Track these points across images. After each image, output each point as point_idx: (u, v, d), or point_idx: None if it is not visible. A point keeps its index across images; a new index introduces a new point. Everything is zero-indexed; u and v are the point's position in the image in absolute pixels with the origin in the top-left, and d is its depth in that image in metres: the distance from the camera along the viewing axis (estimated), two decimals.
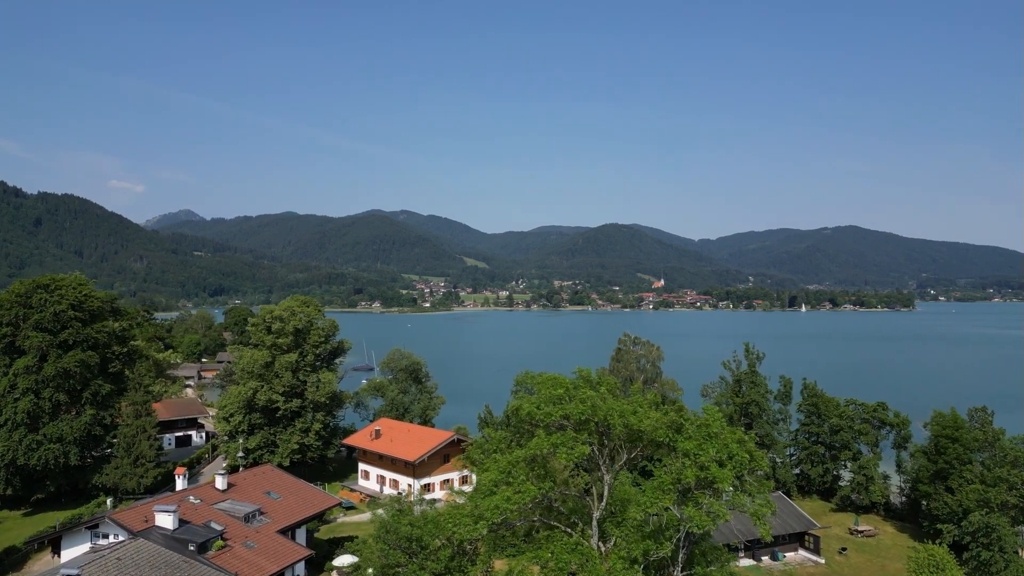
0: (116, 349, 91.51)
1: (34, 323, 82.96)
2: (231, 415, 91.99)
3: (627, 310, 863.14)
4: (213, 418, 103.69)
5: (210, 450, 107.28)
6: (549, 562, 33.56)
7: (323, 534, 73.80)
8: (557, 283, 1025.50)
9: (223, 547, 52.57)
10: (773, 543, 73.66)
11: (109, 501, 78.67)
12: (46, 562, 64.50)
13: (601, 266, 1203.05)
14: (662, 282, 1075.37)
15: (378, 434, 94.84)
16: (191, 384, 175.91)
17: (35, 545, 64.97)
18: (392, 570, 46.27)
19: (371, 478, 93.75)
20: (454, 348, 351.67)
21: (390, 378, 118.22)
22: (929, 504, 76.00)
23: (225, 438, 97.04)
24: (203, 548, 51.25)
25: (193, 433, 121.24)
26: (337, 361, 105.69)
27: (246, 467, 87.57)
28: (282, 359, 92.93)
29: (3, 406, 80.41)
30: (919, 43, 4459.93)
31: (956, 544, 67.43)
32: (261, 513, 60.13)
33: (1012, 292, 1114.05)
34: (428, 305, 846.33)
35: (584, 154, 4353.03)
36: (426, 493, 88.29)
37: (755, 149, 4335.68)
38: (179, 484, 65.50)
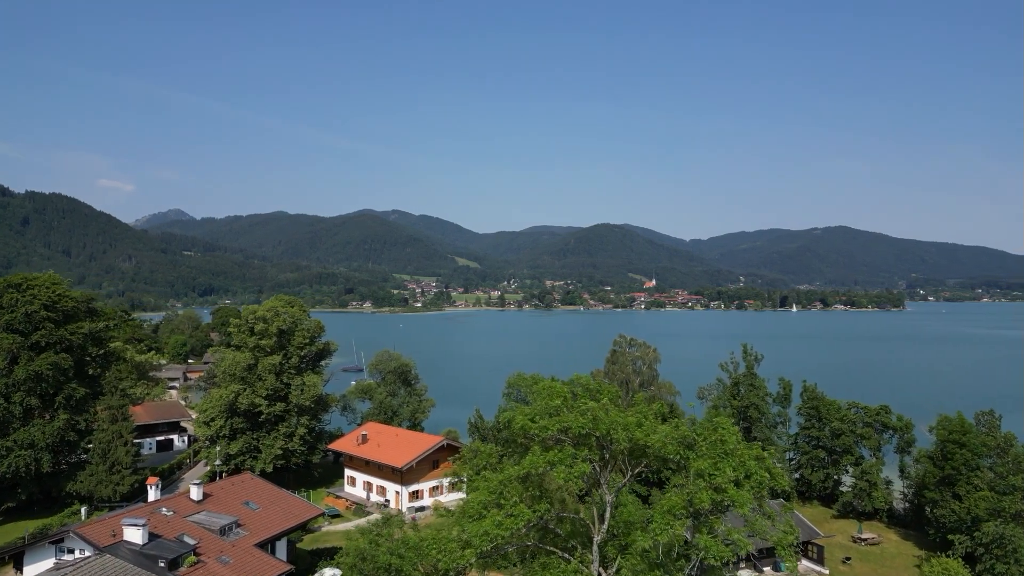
0: (92, 351, 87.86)
1: (4, 324, 79.32)
2: (212, 419, 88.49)
3: (619, 310, 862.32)
4: (194, 421, 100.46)
5: (192, 455, 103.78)
6: None
7: (307, 544, 70.53)
8: (549, 283, 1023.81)
9: (196, 563, 49.20)
10: (774, 553, 70.93)
11: (84, 510, 75.12)
12: None
13: (593, 266, 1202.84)
14: (654, 282, 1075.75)
15: (365, 439, 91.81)
16: (176, 386, 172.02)
17: None
18: None
19: (358, 484, 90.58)
20: (445, 349, 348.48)
21: (378, 380, 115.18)
22: (935, 511, 73.28)
23: (206, 443, 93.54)
24: (174, 564, 47.93)
25: (175, 437, 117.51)
26: (323, 363, 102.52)
27: (228, 474, 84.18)
28: (265, 361, 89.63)
29: None
30: (919, 43, 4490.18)
31: (968, 555, 64.69)
32: (238, 525, 56.75)
33: (1000, 292, 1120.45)
34: (419, 305, 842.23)
35: (583, 154, 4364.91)
36: (414, 500, 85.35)
37: (754, 149, 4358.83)
38: (151, 495, 61.67)
